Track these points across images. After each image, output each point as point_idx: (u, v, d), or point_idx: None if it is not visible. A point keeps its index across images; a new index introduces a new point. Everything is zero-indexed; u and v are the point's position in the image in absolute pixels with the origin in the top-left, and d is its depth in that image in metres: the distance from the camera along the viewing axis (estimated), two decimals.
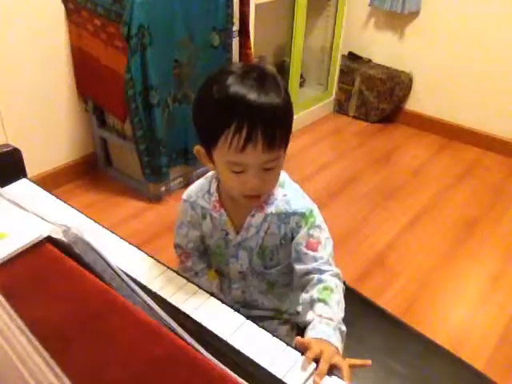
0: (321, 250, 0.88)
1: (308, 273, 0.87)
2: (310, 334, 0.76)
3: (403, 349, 1.04)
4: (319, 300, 0.81)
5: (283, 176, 0.94)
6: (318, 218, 0.90)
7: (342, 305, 0.83)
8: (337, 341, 0.74)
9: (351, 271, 1.82)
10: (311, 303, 0.82)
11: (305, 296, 0.84)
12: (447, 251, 1.98)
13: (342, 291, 0.85)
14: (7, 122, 1.96)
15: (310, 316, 0.80)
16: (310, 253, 0.87)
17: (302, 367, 0.67)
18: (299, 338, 0.73)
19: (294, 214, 0.89)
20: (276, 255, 0.95)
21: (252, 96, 0.75)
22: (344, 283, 0.89)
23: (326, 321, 0.77)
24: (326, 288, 0.83)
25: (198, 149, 0.87)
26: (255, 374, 0.64)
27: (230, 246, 0.96)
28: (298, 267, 0.88)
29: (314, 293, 0.83)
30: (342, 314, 0.81)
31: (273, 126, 0.76)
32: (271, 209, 0.90)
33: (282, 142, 0.80)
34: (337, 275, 0.87)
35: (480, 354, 1.53)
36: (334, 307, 0.81)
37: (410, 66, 2.89)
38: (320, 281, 0.84)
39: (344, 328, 0.79)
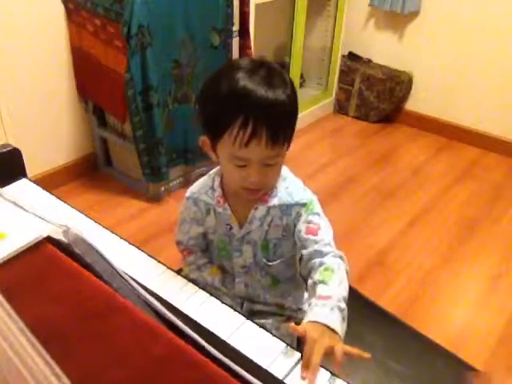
0: (321, 234, 0.88)
1: (311, 257, 0.87)
2: (308, 317, 0.75)
3: (403, 349, 1.04)
4: (319, 281, 0.81)
5: (285, 170, 0.95)
6: (317, 207, 0.92)
7: (345, 285, 0.82)
8: (335, 321, 0.73)
9: (351, 271, 1.81)
10: (313, 287, 0.82)
11: (309, 282, 0.85)
12: (447, 251, 1.98)
13: (345, 272, 0.84)
14: (7, 122, 1.96)
15: (310, 300, 0.80)
16: (311, 237, 0.88)
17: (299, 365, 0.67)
18: (293, 325, 0.72)
19: (296, 204, 0.91)
20: (279, 248, 0.96)
21: (259, 92, 0.76)
22: None
23: (322, 301, 0.76)
24: (326, 269, 0.83)
25: (203, 139, 0.88)
26: (255, 374, 0.64)
27: (234, 240, 0.96)
28: (302, 253, 0.89)
29: (316, 275, 0.82)
30: (344, 293, 0.79)
31: (277, 123, 0.78)
32: (274, 201, 0.91)
33: (286, 138, 0.82)
34: (339, 256, 0.86)
35: (480, 354, 1.53)
36: (334, 286, 0.79)
37: (410, 66, 2.89)
38: (321, 263, 0.84)
39: (344, 306, 0.77)
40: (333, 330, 0.72)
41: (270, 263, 0.98)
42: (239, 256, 0.98)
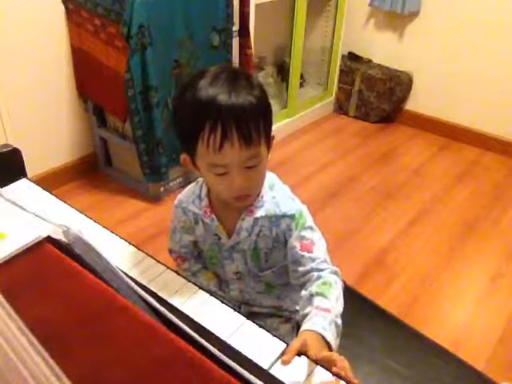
0: (316, 251, 0.88)
1: (307, 273, 0.87)
2: (306, 325, 0.76)
3: (403, 349, 1.04)
4: (317, 294, 0.82)
5: (272, 178, 0.94)
6: (308, 219, 0.91)
7: (341, 300, 0.83)
8: (331, 335, 0.74)
9: (351, 271, 1.82)
10: (310, 298, 0.82)
11: (304, 292, 0.85)
12: (447, 251, 1.98)
13: (341, 288, 0.85)
14: (7, 122, 1.96)
15: (307, 309, 0.80)
16: (306, 254, 0.88)
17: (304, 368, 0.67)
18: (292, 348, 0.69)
19: (284, 216, 0.90)
20: (270, 257, 0.95)
21: (222, 97, 0.76)
22: (344, 283, 0.89)
23: (322, 313, 0.77)
24: (324, 283, 0.83)
25: (184, 157, 0.87)
26: (255, 374, 0.64)
27: (223, 249, 0.96)
28: (297, 269, 0.89)
29: (313, 288, 0.83)
30: (340, 309, 0.81)
31: (247, 123, 0.77)
32: (261, 212, 0.90)
33: (260, 138, 0.80)
34: (336, 273, 0.87)
35: (480, 354, 1.53)
36: (333, 300, 0.81)
37: (409, 66, 2.89)
38: (319, 277, 0.85)
39: (340, 322, 0.79)
40: (328, 343, 0.73)
41: (261, 273, 0.98)
42: (231, 263, 0.97)
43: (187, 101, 0.79)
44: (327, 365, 0.68)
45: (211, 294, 0.81)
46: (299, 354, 0.69)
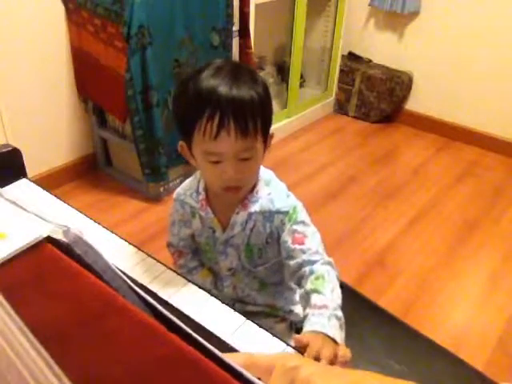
0: (308, 243, 0.88)
1: (300, 267, 0.87)
2: (306, 326, 0.76)
3: (403, 349, 1.04)
4: (312, 290, 0.81)
5: (269, 175, 0.95)
6: (302, 214, 0.91)
7: (338, 291, 0.82)
8: (333, 329, 0.74)
9: (351, 271, 1.82)
10: (307, 297, 0.82)
11: (300, 292, 0.85)
12: (447, 251, 1.98)
13: (335, 278, 0.85)
14: (7, 122, 1.96)
15: (306, 310, 0.80)
16: (298, 247, 0.88)
17: None
18: (297, 336, 0.73)
19: (278, 212, 0.90)
20: (264, 253, 0.96)
21: (223, 88, 0.77)
22: (344, 283, 0.89)
23: (319, 311, 0.77)
24: (317, 277, 0.83)
25: (181, 144, 0.88)
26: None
27: (218, 243, 0.97)
28: (290, 263, 0.88)
29: (308, 285, 0.83)
30: (338, 301, 0.80)
31: (245, 116, 0.78)
32: (255, 207, 0.90)
33: (257, 132, 0.81)
34: (328, 263, 0.86)
35: (480, 353, 1.53)
36: (328, 294, 0.80)
37: (409, 66, 2.89)
38: (311, 272, 0.84)
39: (340, 314, 0.78)
40: (332, 339, 0.73)
41: (254, 269, 0.98)
42: (225, 259, 0.98)
43: (189, 89, 0.81)
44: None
45: (211, 294, 0.81)
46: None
